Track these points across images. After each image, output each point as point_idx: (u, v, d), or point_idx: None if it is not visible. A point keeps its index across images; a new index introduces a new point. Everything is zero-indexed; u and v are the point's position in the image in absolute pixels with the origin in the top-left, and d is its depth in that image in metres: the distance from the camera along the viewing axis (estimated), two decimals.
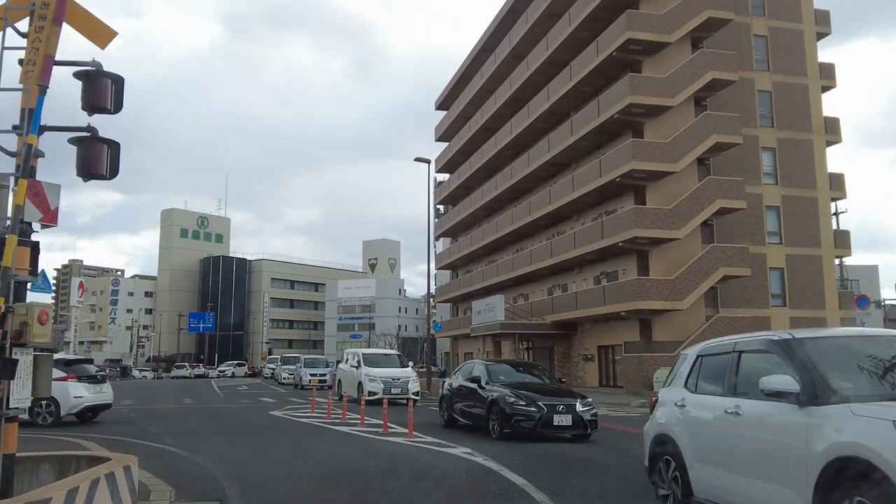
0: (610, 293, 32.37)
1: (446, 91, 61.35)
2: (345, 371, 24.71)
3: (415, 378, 23.11)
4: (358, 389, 22.19)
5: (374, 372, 22.30)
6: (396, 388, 21.85)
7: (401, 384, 22.12)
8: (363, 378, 22.17)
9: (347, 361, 24.74)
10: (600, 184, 33.59)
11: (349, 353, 25.30)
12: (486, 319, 39.74)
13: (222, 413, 19.28)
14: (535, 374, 15.02)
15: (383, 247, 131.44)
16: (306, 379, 34.22)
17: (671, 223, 31.17)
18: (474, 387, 13.52)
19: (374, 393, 21.28)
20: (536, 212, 40.92)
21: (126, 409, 20.72)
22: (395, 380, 22.14)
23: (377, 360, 23.55)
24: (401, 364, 24.14)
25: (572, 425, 12.33)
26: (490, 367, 14.15)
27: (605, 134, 35.45)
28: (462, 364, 15.54)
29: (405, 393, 21.84)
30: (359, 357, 23.54)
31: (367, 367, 22.62)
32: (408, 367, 24.67)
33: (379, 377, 21.99)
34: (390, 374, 22.32)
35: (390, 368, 23.04)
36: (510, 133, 45.51)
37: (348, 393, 23.43)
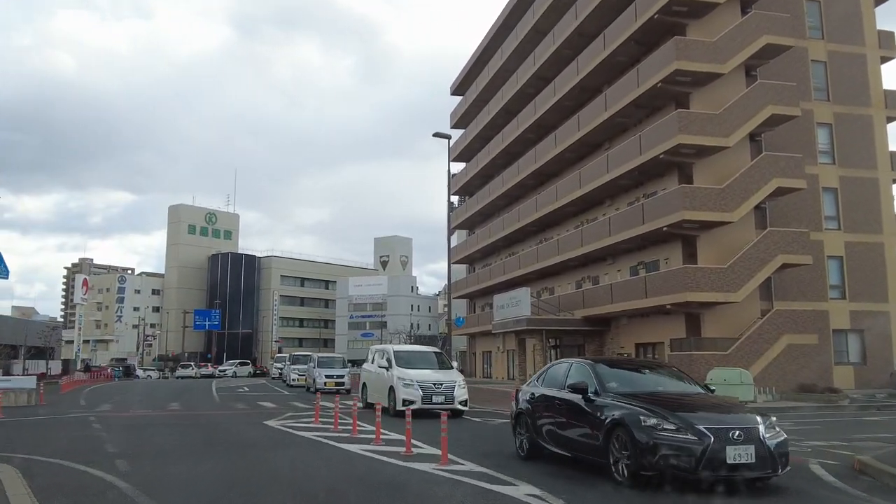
0: (652, 284, 28.82)
1: (462, 74, 57.91)
2: (371, 373, 19.87)
3: (462, 383, 18.10)
4: (389, 397, 17.79)
5: (410, 375, 17.69)
6: (439, 395, 17.41)
7: (444, 391, 17.56)
8: (396, 382, 17.68)
9: (374, 361, 19.90)
10: (640, 162, 30.03)
11: (377, 350, 20.58)
12: (510, 315, 36.26)
13: (208, 423, 15.93)
14: (667, 376, 9.73)
15: (395, 244, 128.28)
16: (321, 381, 29.41)
17: (723, 204, 27.59)
18: (575, 399, 8.84)
19: (409, 401, 16.87)
20: (564, 197, 37.39)
21: (96, 416, 17.42)
22: (438, 385, 17.57)
23: (413, 360, 18.84)
24: (442, 364, 19.31)
25: (756, 462, 7.48)
26: (599, 370, 9.13)
27: (644, 108, 31.88)
28: (550, 365, 10.70)
29: (450, 402, 17.31)
30: (389, 355, 18.79)
31: (400, 369, 17.97)
32: (452, 368, 19.61)
33: (417, 381, 17.45)
34: (431, 378, 17.73)
35: (430, 370, 18.43)
36: (534, 113, 42.00)
37: (377, 401, 18.05)
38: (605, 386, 8.74)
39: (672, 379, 9.64)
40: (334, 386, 28.83)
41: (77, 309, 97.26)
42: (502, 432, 13.59)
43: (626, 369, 9.97)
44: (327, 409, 17.88)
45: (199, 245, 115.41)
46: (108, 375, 61.86)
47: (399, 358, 18.58)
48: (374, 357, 20.17)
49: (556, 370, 10.17)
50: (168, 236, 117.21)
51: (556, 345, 37.29)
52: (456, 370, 19.84)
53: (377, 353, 20.19)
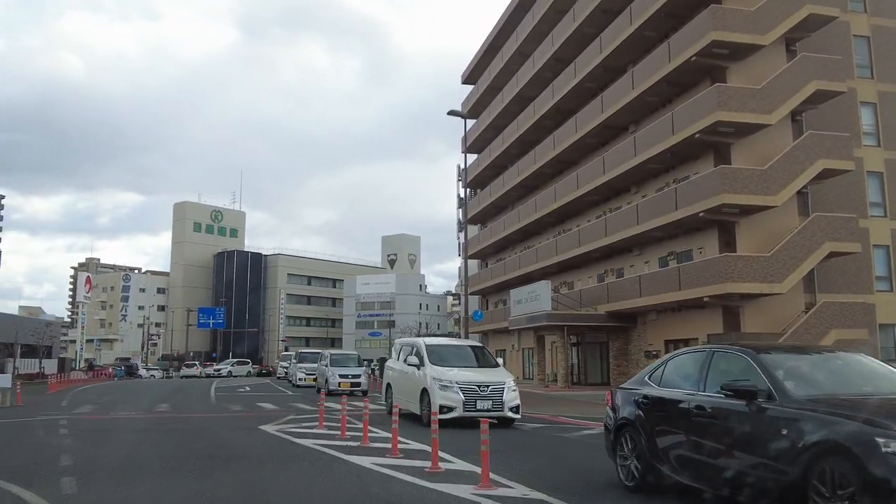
0: (688, 275, 26.49)
1: (474, 61, 55.63)
2: (397, 372, 16.25)
3: (513, 385, 14.27)
4: (421, 401, 14.27)
5: (448, 375, 13.98)
6: (485, 400, 13.63)
7: (491, 394, 13.74)
8: (430, 384, 13.96)
9: (401, 357, 16.33)
10: (673, 143, 27.69)
11: (404, 345, 16.89)
12: (529, 310, 34.00)
13: (195, 427, 13.72)
14: (868, 368, 6.47)
15: (403, 242, 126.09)
16: (334, 381, 25.75)
17: (766, 187, 25.25)
18: (733, 407, 5.88)
19: (448, 408, 13.41)
20: (586, 185, 35.08)
21: (69, 420, 15.23)
22: (483, 387, 13.78)
23: (449, 356, 15.21)
24: (484, 361, 15.57)
25: None
26: (768, 362, 6.01)
27: (676, 85, 29.53)
28: (670, 356, 7.49)
29: (498, 409, 13.66)
30: (420, 350, 15.11)
31: (435, 367, 14.36)
32: (497, 365, 15.81)
33: (457, 383, 13.73)
34: (474, 379, 13.97)
35: (471, 369, 14.77)
36: (552, 97, 39.69)
37: (404, 406, 14.64)
38: (782, 386, 5.65)
39: (877, 371, 6.39)
40: (349, 387, 25.55)
41: (79, 307, 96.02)
42: (562, 445, 11.36)
43: (802, 358, 6.72)
44: (333, 411, 15.66)
45: (204, 243, 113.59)
46: (109, 375, 59.94)
47: (432, 353, 14.87)
48: (401, 353, 16.53)
49: (682, 362, 7.18)
50: (173, 234, 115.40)
51: (577, 342, 34.99)
52: (503, 369, 16.11)
53: (404, 348, 16.54)
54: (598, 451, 10.40)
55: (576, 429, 13.92)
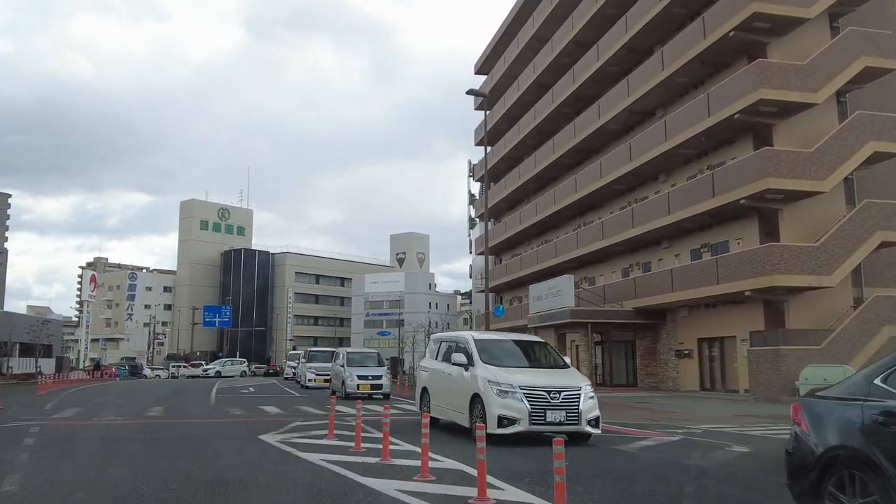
0: (726, 268, 24.47)
1: (488, 51, 53.66)
2: (436, 374, 13.02)
3: (590, 391, 10.94)
4: (472, 411, 11.05)
5: (508, 377, 10.69)
6: (556, 409, 10.40)
7: (564, 403, 10.50)
8: (485, 389, 10.69)
9: (440, 355, 13.11)
10: (709, 126, 25.70)
11: (445, 340, 13.48)
12: (549, 306, 32.04)
13: (184, 437, 11.81)
14: None
15: (412, 240, 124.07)
16: (352, 383, 22.51)
17: (812, 171, 23.23)
18: None
19: (510, 420, 10.30)
20: (610, 174, 33.09)
21: (42, 427, 13.34)
22: (554, 394, 10.48)
23: (504, 354, 11.97)
24: (548, 361, 12.30)
25: None
26: None
27: (710, 64, 27.51)
28: None
29: (574, 421, 10.48)
30: (468, 346, 11.78)
31: (489, 368, 11.05)
32: (567, 366, 12.20)
33: (520, 387, 10.45)
34: (542, 383, 10.68)
35: (535, 370, 11.64)
36: (572, 83, 37.72)
37: (444, 416, 12.31)
38: None
39: None
40: (369, 390, 22.60)
41: (84, 306, 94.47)
42: (629, 462, 9.38)
43: None
44: (345, 416, 13.76)
45: (211, 241, 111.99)
46: (111, 375, 58.24)
47: (484, 350, 11.62)
48: (441, 350, 13.28)
49: None
50: (180, 232, 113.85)
51: (601, 340, 33.00)
52: (575, 370, 12.52)
53: (444, 344, 13.29)
54: (684, 474, 8.43)
55: (628, 439, 11.96)
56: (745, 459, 9.90)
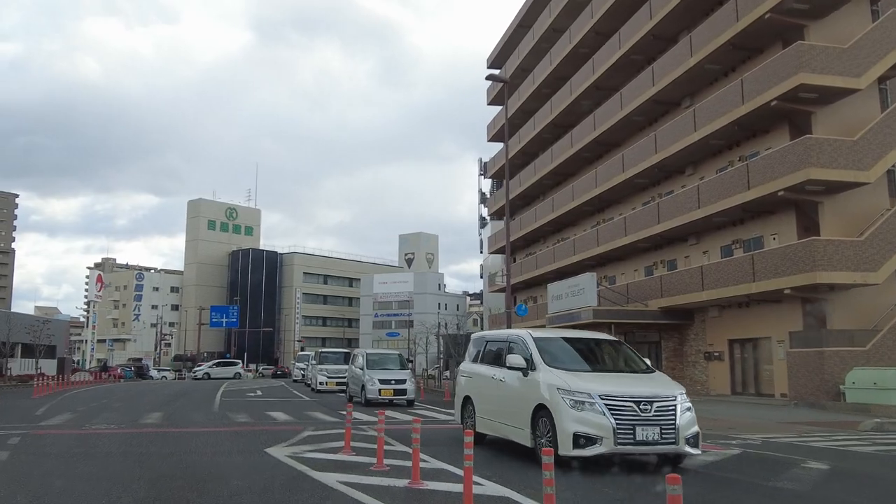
0: (763, 265, 22.96)
1: (501, 44, 52.16)
2: (482, 380, 10.79)
3: (686, 401, 8.80)
4: (535, 426, 8.79)
5: (583, 384, 8.53)
6: (648, 425, 8.23)
7: (657, 416, 8.32)
8: (552, 398, 8.56)
9: (483, 357, 11.15)
10: (743, 113, 24.18)
11: (495, 339, 11.17)
12: (571, 306, 30.58)
13: (181, 451, 10.43)
14: None
15: (420, 240, 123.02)
16: (373, 388, 20.31)
17: (857, 161, 21.71)
18: None
19: (589, 438, 8.11)
20: (633, 168, 31.60)
21: (27, 435, 11.99)
22: (644, 404, 8.33)
23: (570, 355, 9.84)
24: (627, 363, 10.00)
25: None
26: None
27: (743, 49, 26.02)
28: None
29: (670, 440, 8.29)
30: (527, 346, 9.71)
31: (555, 371, 8.99)
32: (651, 370, 9.87)
33: (599, 396, 8.31)
34: (628, 391, 8.50)
35: (614, 375, 9.57)
36: (592, 73, 36.26)
37: (495, 431, 10.20)
38: None
39: None
40: (392, 395, 20.43)
41: (90, 306, 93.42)
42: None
43: None
44: (359, 424, 12.39)
45: (218, 241, 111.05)
46: (117, 376, 57.10)
47: (546, 351, 9.49)
48: (485, 351, 11.18)
49: None
50: (187, 232, 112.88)
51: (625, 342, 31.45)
52: (663, 374, 10.03)
53: (493, 344, 11.03)
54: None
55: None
56: (838, 481, 8.46)
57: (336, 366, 28.06)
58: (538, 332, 10.54)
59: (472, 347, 11.87)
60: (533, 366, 9.31)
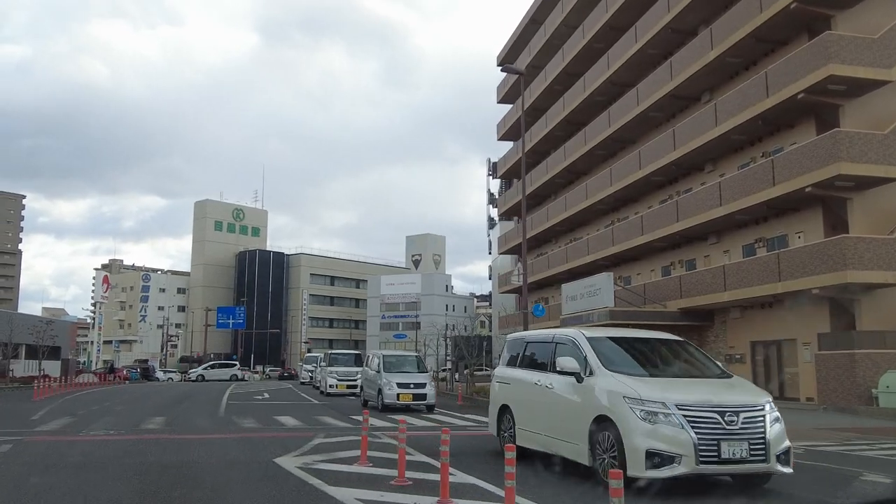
0: (789, 264, 22.07)
1: (511, 41, 51.40)
2: (523, 386, 9.62)
3: (774, 410, 7.49)
4: (594, 441, 7.60)
5: (655, 392, 7.30)
6: (736, 440, 7.02)
7: (745, 429, 7.08)
8: (620, 409, 7.31)
9: (525, 359, 10.03)
10: (768, 107, 23.30)
11: (539, 339, 10.02)
12: (586, 307, 29.74)
13: (182, 462, 9.64)
14: None
15: (427, 242, 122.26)
16: (390, 392, 18.97)
17: (889, 156, 20.82)
18: None
19: (664, 456, 6.88)
20: (650, 165, 30.75)
21: (18, 442, 11.24)
22: (729, 414, 7.12)
23: (634, 359, 8.67)
24: (699, 367, 8.67)
25: None
26: None
27: (766, 42, 25.15)
28: None
29: (760, 457, 7.04)
30: (581, 347, 8.48)
31: (618, 376, 7.75)
32: (730, 374, 8.62)
33: (676, 406, 7.08)
34: (708, 399, 7.26)
35: (688, 381, 8.13)
36: (606, 69, 35.42)
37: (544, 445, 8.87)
38: None
39: None
40: (411, 400, 19.09)
41: (97, 307, 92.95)
42: None
43: None
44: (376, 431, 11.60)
45: (225, 242, 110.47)
46: (122, 377, 56.47)
47: (603, 353, 8.27)
48: (526, 353, 9.98)
49: None
50: (194, 233, 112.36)
51: None
52: (743, 379, 9.04)
53: (537, 345, 9.81)
54: None
55: None
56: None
57: (346, 368, 27.11)
58: (592, 330, 9.33)
59: (507, 350, 10.74)
60: (589, 370, 8.04)
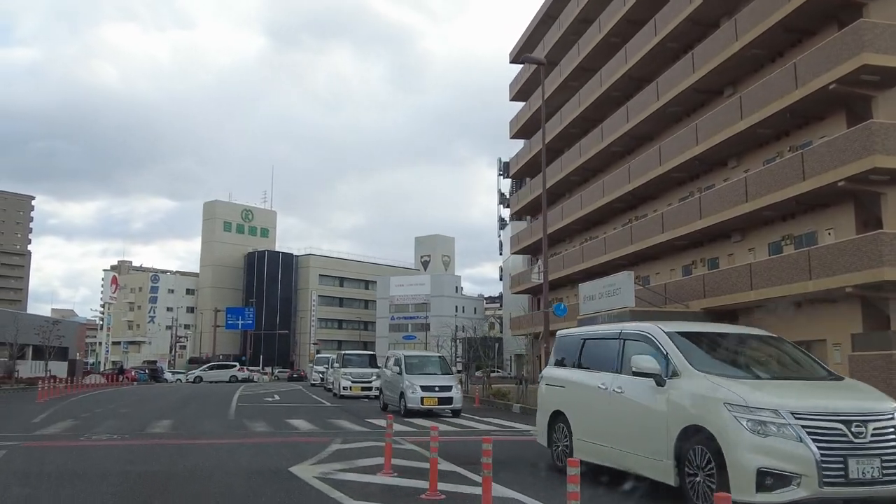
0: (820, 261, 21.16)
1: (524, 37, 50.59)
2: (583, 390, 8.30)
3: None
4: (682, 456, 6.35)
5: (777, 401, 5.98)
6: (864, 456, 5.74)
7: (875, 443, 5.83)
8: (721, 418, 6.03)
9: (584, 361, 8.69)
10: (796, 99, 22.42)
11: (602, 335, 8.76)
12: (605, 307, 28.82)
13: (191, 470, 8.90)
14: None
15: (437, 243, 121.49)
16: (414, 396, 17.65)
17: None
18: None
19: (782, 477, 5.63)
20: (670, 161, 29.88)
21: (12, 448, 10.52)
22: (857, 424, 5.89)
23: (727, 358, 7.48)
24: (806, 369, 7.33)
25: None
26: None
27: (794, 31, 24.28)
28: None
29: (894, 476, 5.74)
30: (663, 344, 7.16)
31: (718, 380, 6.44)
32: (839, 375, 7.37)
33: (799, 416, 5.83)
34: (839, 408, 6.01)
35: (802, 384, 6.75)
36: (624, 63, 34.57)
37: (615, 462, 7.53)
38: None
39: None
40: (436, 404, 17.75)
41: (105, 308, 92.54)
42: None
43: None
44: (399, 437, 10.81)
45: (234, 243, 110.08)
46: (130, 379, 55.90)
47: (690, 352, 7.03)
48: (583, 351, 8.73)
49: None
50: (203, 234, 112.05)
51: None
52: (857, 381, 7.57)
53: (596, 342, 8.63)
54: None
55: None
56: None
57: (361, 369, 26.14)
58: (673, 324, 7.77)
59: (558, 349, 9.57)
60: (673, 371, 6.74)
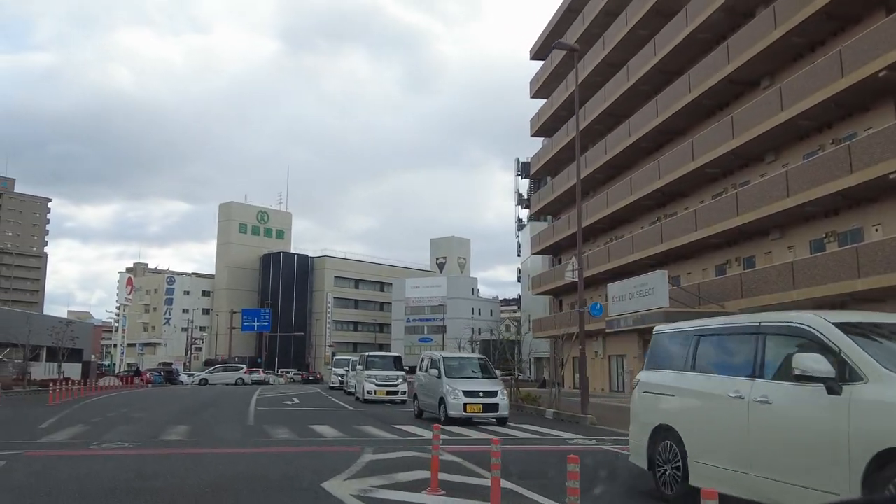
0: (869, 259, 19.94)
1: (546, 33, 49.56)
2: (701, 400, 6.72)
3: None
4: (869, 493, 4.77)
5: None
6: None
7: None
8: None
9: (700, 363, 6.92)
10: (841, 88, 21.26)
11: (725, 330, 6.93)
12: (637, 307, 27.81)
13: (206, 483, 7.92)
14: None
15: (453, 245, 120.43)
16: (456, 402, 15.85)
17: None
18: None
19: None
20: (704, 156, 28.73)
21: (13, 458, 9.60)
22: None
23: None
24: None
25: None
26: None
27: (837, 19, 23.12)
28: None
29: None
30: (827, 337, 5.41)
31: None
32: None
33: None
34: None
35: None
36: (653, 56, 33.47)
37: (757, 495, 5.77)
38: None
39: None
40: (480, 412, 16.02)
41: (121, 310, 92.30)
42: None
43: None
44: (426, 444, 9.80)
45: (250, 245, 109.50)
46: (146, 381, 55.18)
47: (879, 350, 5.24)
48: (697, 350, 7.04)
49: None
50: (218, 235, 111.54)
51: None
52: None
53: (718, 339, 6.95)
54: None
55: None
56: None
57: (386, 372, 24.89)
58: (835, 314, 5.95)
59: (657, 348, 7.79)
60: (850, 374, 5.13)
